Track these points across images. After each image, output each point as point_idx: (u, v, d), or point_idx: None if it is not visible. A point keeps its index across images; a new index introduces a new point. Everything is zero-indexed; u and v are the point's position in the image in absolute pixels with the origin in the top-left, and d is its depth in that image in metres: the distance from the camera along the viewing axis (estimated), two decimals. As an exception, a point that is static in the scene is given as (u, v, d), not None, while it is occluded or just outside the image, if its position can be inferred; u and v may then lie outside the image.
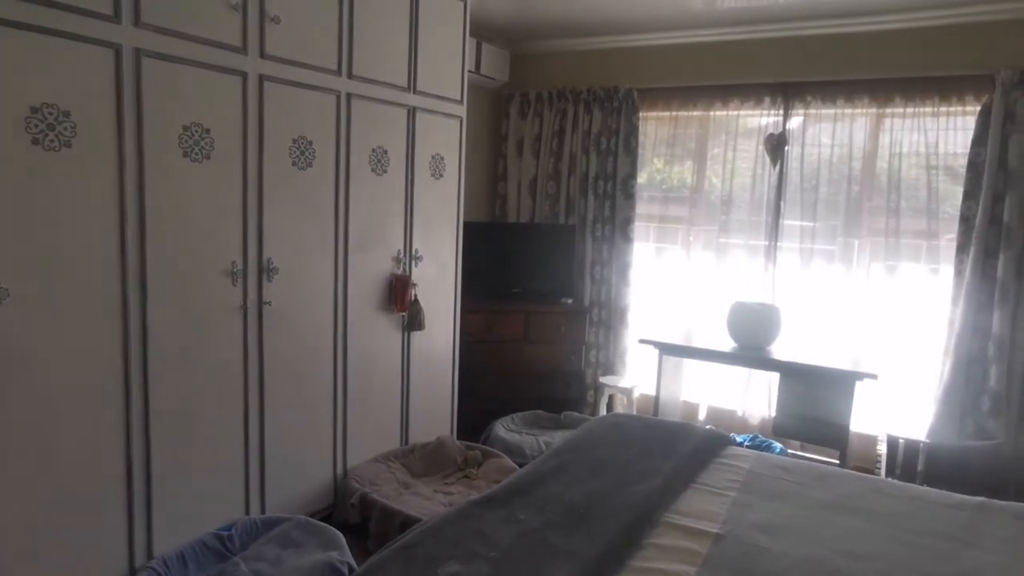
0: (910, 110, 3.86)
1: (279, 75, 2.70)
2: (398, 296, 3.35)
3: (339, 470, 3.22)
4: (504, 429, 4.06)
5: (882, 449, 3.67)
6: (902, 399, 4.01)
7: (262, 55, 2.62)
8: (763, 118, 4.24)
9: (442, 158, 3.59)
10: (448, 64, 3.56)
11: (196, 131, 2.44)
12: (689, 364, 4.32)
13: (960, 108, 3.77)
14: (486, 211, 5.09)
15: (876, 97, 3.92)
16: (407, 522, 2.79)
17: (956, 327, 3.74)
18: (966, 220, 3.72)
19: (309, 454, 3.07)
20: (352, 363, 3.21)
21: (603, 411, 4.55)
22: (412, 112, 3.37)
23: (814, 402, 3.58)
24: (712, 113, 4.43)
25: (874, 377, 3.44)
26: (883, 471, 3.43)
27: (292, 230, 2.85)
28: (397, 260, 3.39)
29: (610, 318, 4.72)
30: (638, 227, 4.66)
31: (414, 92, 3.36)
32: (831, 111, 4.06)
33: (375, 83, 3.13)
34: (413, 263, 3.47)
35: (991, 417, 3.65)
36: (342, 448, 3.23)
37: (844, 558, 1.75)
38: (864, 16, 3.85)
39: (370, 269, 3.26)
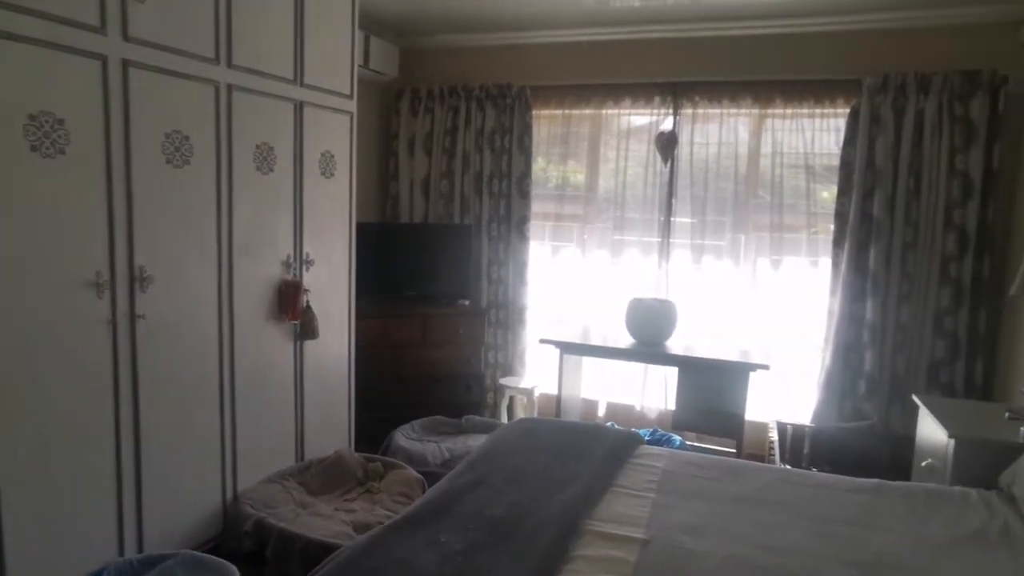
0: (789, 111, 4.05)
1: (146, 61, 2.41)
2: (289, 303, 3.12)
3: (228, 494, 2.95)
4: (405, 438, 3.90)
5: (774, 436, 3.83)
6: (790, 387, 4.21)
7: (125, 37, 2.33)
8: (653, 117, 4.31)
9: (332, 156, 3.38)
10: (337, 57, 3.36)
11: (47, 121, 2.12)
12: (588, 361, 4.33)
13: (832, 110, 4.00)
14: (377, 211, 4.88)
15: (758, 98, 4.09)
16: (308, 546, 2.58)
17: (835, 316, 3.97)
18: (840, 216, 3.95)
19: (193, 479, 2.79)
20: (240, 378, 2.94)
21: (504, 413, 4.49)
22: (299, 107, 3.14)
23: (711, 394, 3.67)
24: (604, 112, 4.46)
25: (766, 368, 3.58)
26: (777, 457, 3.58)
27: (168, 234, 2.56)
28: (287, 265, 3.15)
29: (508, 318, 4.66)
30: (534, 226, 4.62)
31: (301, 85, 3.13)
32: (717, 111, 4.20)
33: (258, 74, 2.88)
34: (304, 268, 3.24)
35: (867, 399, 3.90)
36: (231, 470, 2.95)
37: (766, 554, 1.76)
38: (747, 20, 4.00)
39: (258, 275, 3.00)
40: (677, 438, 3.96)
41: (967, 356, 3.75)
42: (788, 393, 4.22)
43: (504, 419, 4.48)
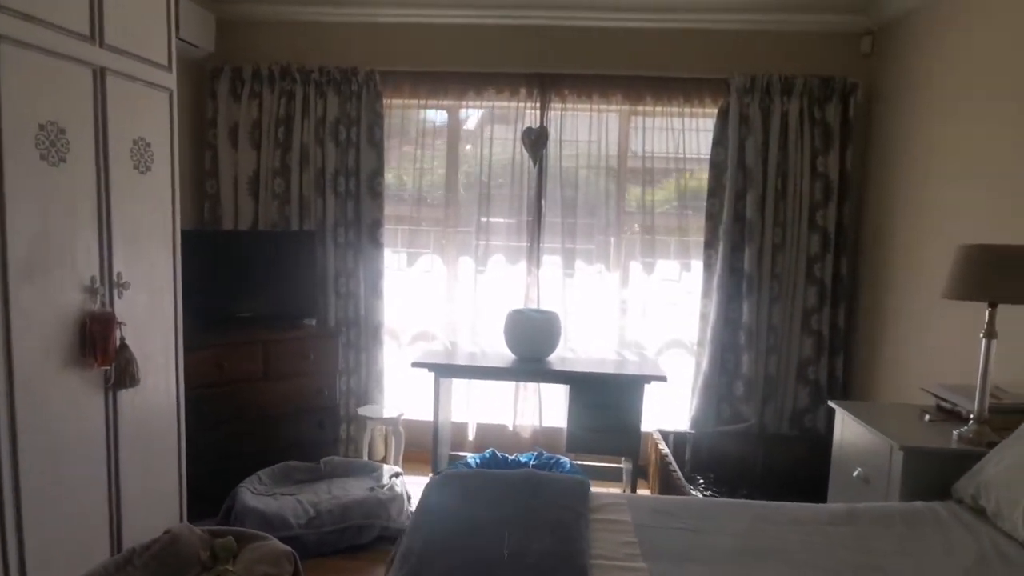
0: (659, 109, 3.91)
1: None
2: (98, 344, 2.29)
3: (13, 622, 2.07)
4: (253, 494, 3.15)
5: (664, 447, 3.66)
6: (667, 393, 4.08)
7: None
8: (520, 111, 3.96)
9: (148, 144, 2.58)
10: (148, 14, 2.57)
11: None
12: (456, 381, 3.87)
13: (701, 109, 3.92)
14: (192, 216, 3.99)
15: (629, 95, 3.90)
16: None
17: (711, 319, 3.90)
18: (712, 217, 3.89)
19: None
20: (26, 451, 2.08)
21: (366, 449, 3.87)
22: (100, 75, 2.32)
23: (606, 411, 3.40)
24: (465, 103, 4.02)
25: (663, 379, 3.38)
26: (678, 471, 3.39)
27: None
28: (91, 291, 2.31)
29: (362, 338, 4.04)
30: (388, 231, 4.05)
31: (101, 46, 2.32)
32: (587, 106, 3.95)
33: (33, 21, 2.04)
34: (116, 293, 2.42)
35: (744, 401, 3.88)
36: (16, 585, 2.08)
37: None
38: (619, 12, 3.78)
39: (48, 306, 2.15)
40: (566, 460, 3.65)
41: (830, 353, 3.87)
42: (666, 400, 4.09)
43: (366, 455, 3.86)
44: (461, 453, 4.00)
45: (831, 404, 2.78)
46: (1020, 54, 2.63)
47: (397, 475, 3.41)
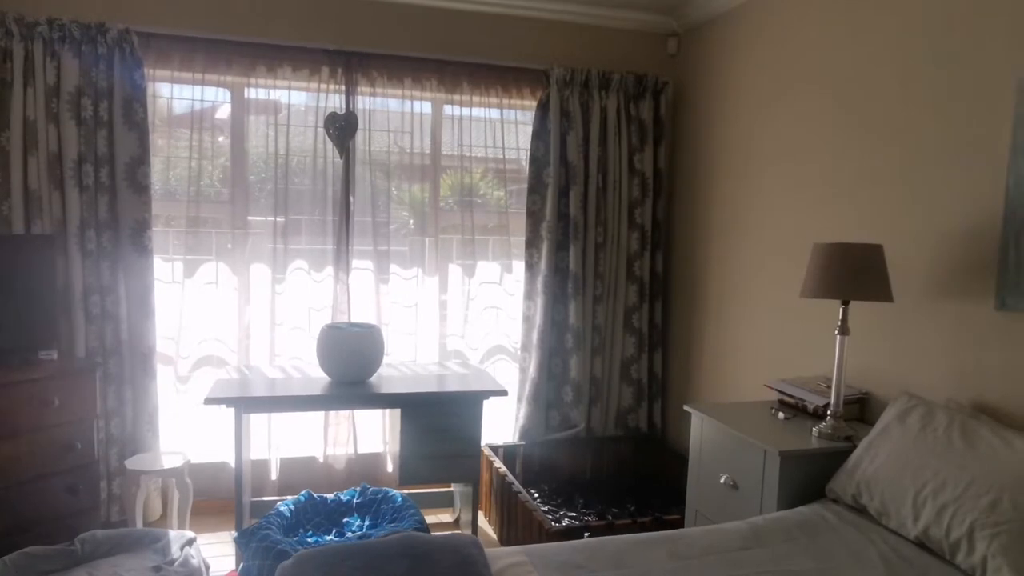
0: (477, 98, 3.61)
1: None
2: None
3: None
4: (-24, 606, 2.26)
5: (497, 462, 3.38)
6: (495, 403, 3.81)
7: None
8: (323, 94, 3.40)
9: None
10: None
11: None
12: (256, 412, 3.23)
13: (520, 101, 3.70)
14: None
15: (444, 81, 3.54)
16: None
17: (536, 322, 3.71)
18: (533, 215, 3.70)
19: None
20: None
21: (140, 512, 3.05)
22: None
23: (442, 434, 3.03)
24: (254, 81, 3.35)
25: (503, 393, 3.09)
26: (519, 487, 3.12)
27: None
28: None
29: (127, 369, 3.20)
30: (158, 234, 3.26)
31: None
32: (399, 91, 3.51)
33: None
34: None
35: (573, 406, 3.75)
36: None
37: None
38: (434, -14, 3.41)
39: None
40: (396, 493, 3.19)
41: (649, 350, 3.90)
42: (491, 411, 3.82)
43: (140, 520, 3.05)
44: (265, 498, 3.36)
45: (687, 409, 2.70)
46: (815, 63, 2.77)
47: (190, 542, 2.71)
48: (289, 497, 3.14)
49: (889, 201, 2.46)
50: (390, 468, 3.65)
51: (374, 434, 3.66)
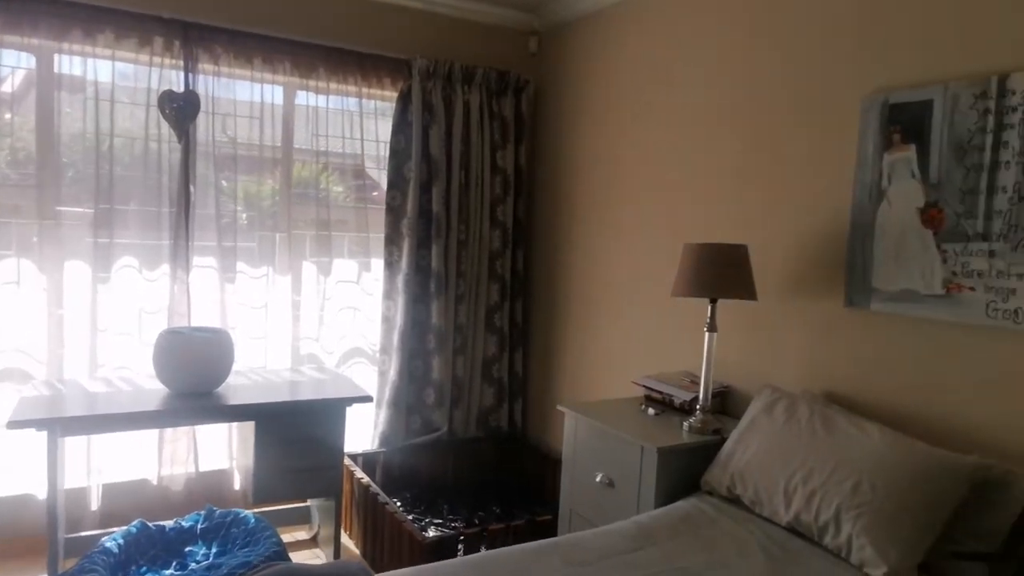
0: (334, 85, 3.38)
1: None
2: None
3: None
4: None
5: (359, 471, 3.18)
6: (353, 409, 3.59)
7: None
8: (157, 68, 3.00)
9: None
10: None
11: None
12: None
13: (380, 91, 3.52)
14: None
15: (299, 64, 3.27)
16: None
17: (397, 323, 3.55)
18: (394, 211, 3.54)
19: None
20: None
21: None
22: None
23: (302, 446, 2.79)
24: (66, 45, 2.88)
25: (368, 399, 2.92)
26: (383, 497, 2.94)
27: None
28: None
29: None
30: (-61, 223, 2.70)
31: None
32: (247, 72, 3.20)
33: None
34: None
35: (435, 409, 3.64)
36: None
37: None
38: (287, -41, 3.13)
39: None
40: (247, 514, 2.89)
41: (510, 349, 3.88)
42: (350, 418, 3.60)
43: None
44: (85, 533, 2.90)
45: (560, 408, 2.69)
46: (680, 69, 2.89)
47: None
48: (117, 529, 2.73)
49: (754, 203, 2.60)
50: (238, 485, 3.32)
51: (219, 449, 3.31)
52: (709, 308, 2.40)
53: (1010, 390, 1.87)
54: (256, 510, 3.00)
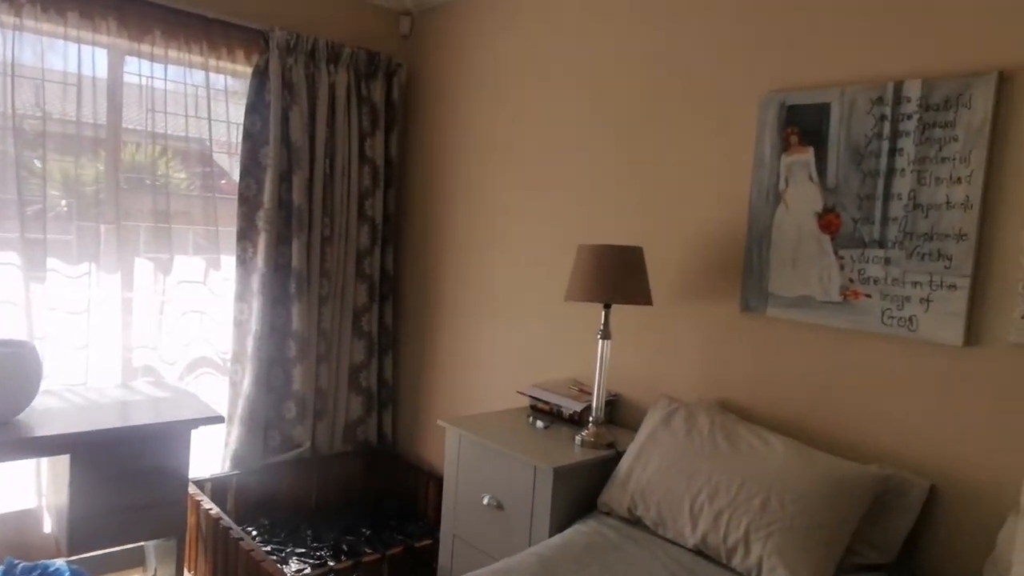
0: (173, 53, 2.91)
1: None
2: None
3: None
4: None
5: (212, 506, 2.74)
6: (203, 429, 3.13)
7: None
8: (-65, 14, 2.41)
9: None
10: None
11: None
12: None
13: (231, 65, 3.08)
14: None
15: (128, 24, 2.77)
16: None
17: (252, 328, 3.14)
18: (247, 201, 3.12)
19: None
20: None
21: None
22: None
23: (133, 481, 2.35)
24: None
25: (220, 420, 2.51)
26: (238, 530, 2.54)
27: None
28: None
29: None
30: None
31: None
32: (60, 28, 2.65)
33: None
34: None
35: (297, 423, 3.26)
36: None
37: None
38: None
39: None
40: (60, 566, 2.38)
41: (379, 355, 3.57)
42: (195, 438, 3.14)
43: None
44: None
45: (441, 424, 2.44)
46: (566, 62, 2.73)
47: None
48: None
49: (647, 204, 2.49)
50: (48, 529, 2.76)
51: (22, 485, 2.74)
52: (603, 314, 2.25)
53: (905, 398, 1.86)
54: (74, 558, 2.49)
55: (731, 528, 1.76)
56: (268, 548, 2.91)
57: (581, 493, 2.13)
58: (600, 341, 2.25)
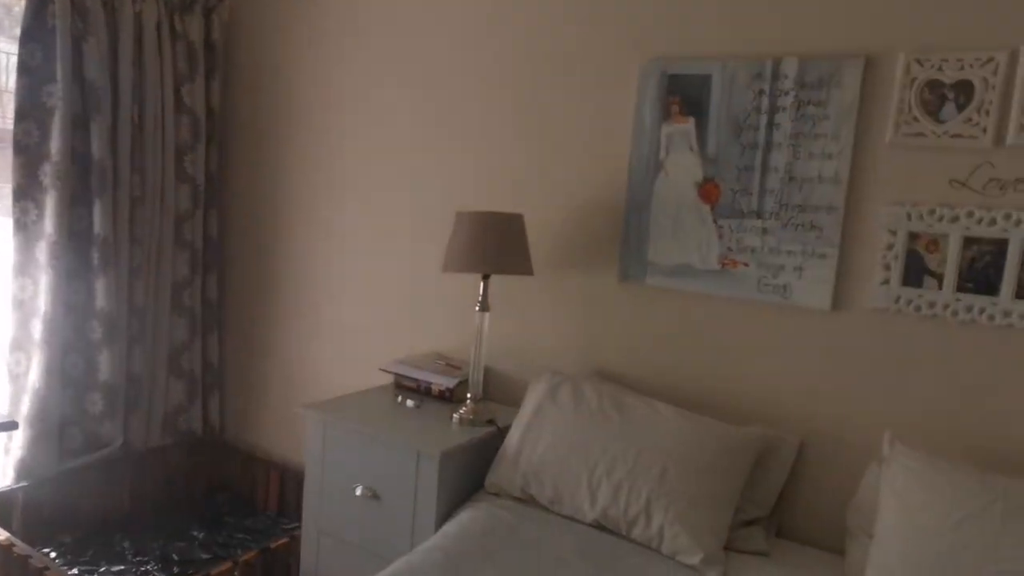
0: (-83, -45, 2.24)
1: None
2: None
3: None
4: None
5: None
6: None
7: None
8: None
9: None
10: None
11: None
12: None
13: (0, -23, 2.45)
14: None
15: None
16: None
17: (41, 308, 2.59)
18: (26, 150, 2.54)
19: None
20: None
21: None
22: None
23: None
24: None
25: (12, 426, 2.03)
26: (31, 554, 2.07)
27: None
28: None
29: None
30: None
31: None
32: None
33: None
34: None
35: (105, 418, 2.76)
36: None
37: None
38: None
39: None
40: None
41: (203, 333, 3.14)
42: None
43: None
44: None
45: (302, 410, 2.19)
46: (432, 13, 2.53)
47: None
48: None
49: (523, 170, 2.37)
50: None
51: None
52: (482, 285, 2.13)
53: (778, 360, 1.97)
54: None
55: (632, 499, 1.75)
56: (73, 572, 2.44)
57: (465, 475, 2.02)
58: (479, 313, 2.13)
